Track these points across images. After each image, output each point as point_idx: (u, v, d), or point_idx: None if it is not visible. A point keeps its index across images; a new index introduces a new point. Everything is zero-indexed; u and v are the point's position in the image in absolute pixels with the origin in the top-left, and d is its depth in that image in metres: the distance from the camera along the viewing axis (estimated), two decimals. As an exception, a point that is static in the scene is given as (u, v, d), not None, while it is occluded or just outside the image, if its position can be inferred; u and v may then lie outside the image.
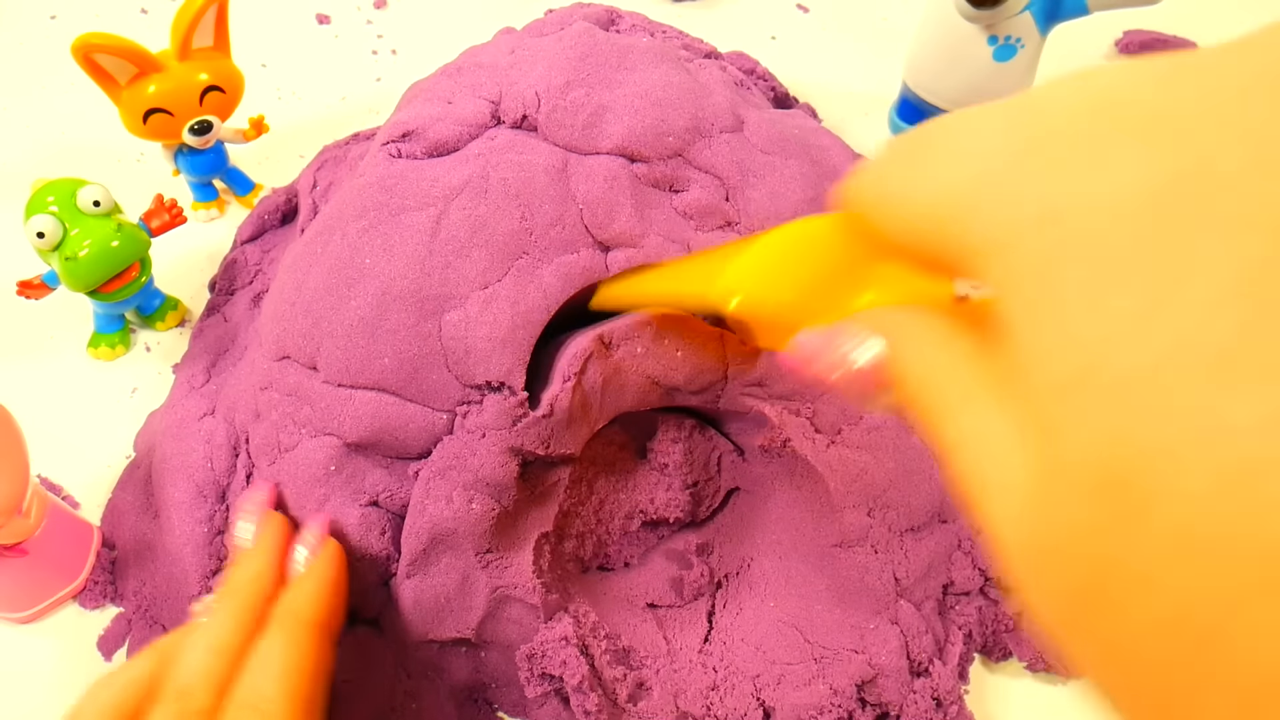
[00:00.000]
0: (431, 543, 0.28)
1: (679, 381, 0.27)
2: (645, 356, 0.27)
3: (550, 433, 0.28)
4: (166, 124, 0.41)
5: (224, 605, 0.26)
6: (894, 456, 0.31)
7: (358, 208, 0.29)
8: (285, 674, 0.24)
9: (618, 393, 0.27)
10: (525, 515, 0.29)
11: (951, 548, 0.33)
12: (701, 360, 0.27)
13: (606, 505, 0.31)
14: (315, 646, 0.25)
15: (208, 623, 0.26)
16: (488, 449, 0.28)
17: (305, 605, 0.26)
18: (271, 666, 0.24)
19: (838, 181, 0.35)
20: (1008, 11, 0.41)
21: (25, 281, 0.38)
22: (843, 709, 0.30)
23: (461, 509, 0.28)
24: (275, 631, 0.25)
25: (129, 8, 0.57)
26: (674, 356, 0.27)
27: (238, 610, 0.26)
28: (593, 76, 0.31)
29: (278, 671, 0.24)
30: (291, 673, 0.24)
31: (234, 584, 0.27)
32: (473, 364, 0.27)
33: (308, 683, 0.24)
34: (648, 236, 0.30)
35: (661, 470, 0.30)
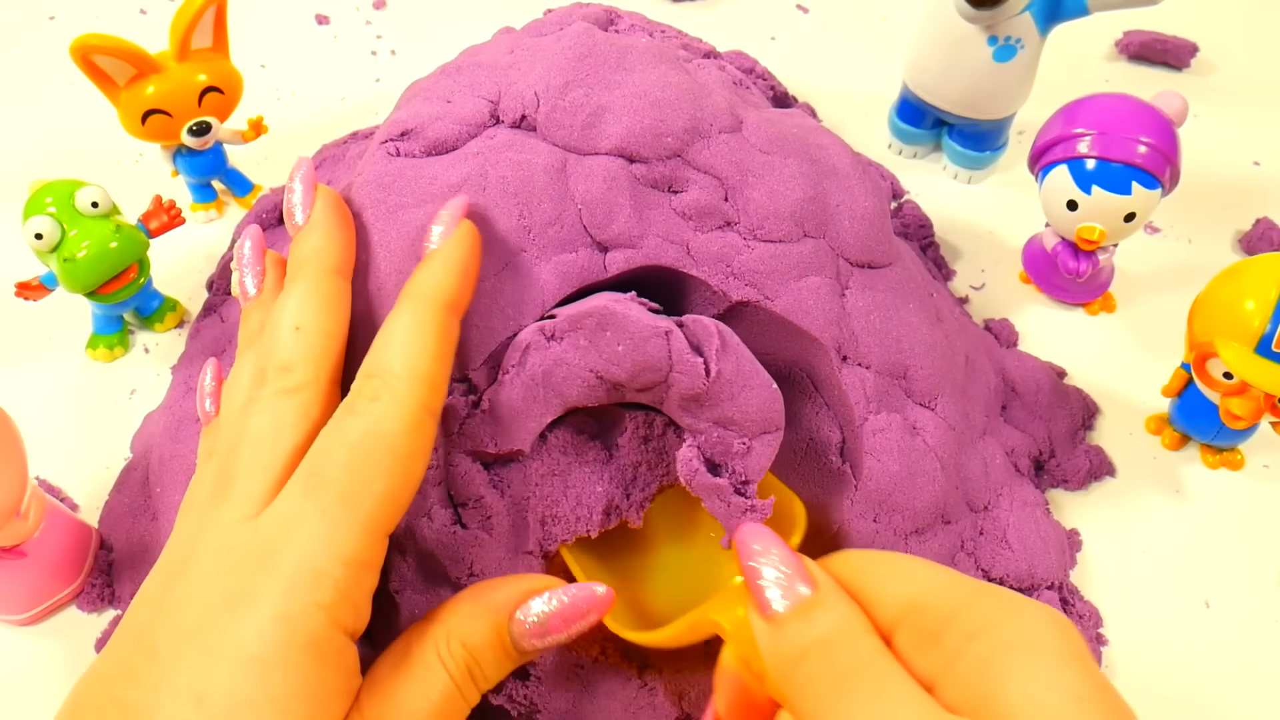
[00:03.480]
0: (420, 560, 0.28)
1: (622, 377, 0.27)
2: (588, 349, 0.27)
3: (495, 428, 0.27)
4: (165, 125, 0.41)
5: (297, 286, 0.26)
6: (898, 459, 0.31)
7: (356, 206, 0.29)
8: (413, 349, 0.23)
9: (561, 385, 0.27)
10: (509, 526, 0.29)
11: (955, 549, 0.33)
12: (643, 357, 0.26)
13: (584, 502, 0.30)
14: (443, 325, 0.24)
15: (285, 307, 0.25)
16: (445, 453, 0.27)
17: (435, 283, 0.25)
18: (399, 342, 0.24)
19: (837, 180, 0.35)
20: (1008, 12, 0.41)
21: (23, 283, 0.38)
22: (843, 711, 0.30)
23: (442, 525, 0.27)
24: (402, 310, 0.24)
25: (127, 8, 0.57)
26: (615, 351, 0.26)
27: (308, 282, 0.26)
28: (592, 77, 0.31)
29: (404, 346, 0.23)
30: (419, 349, 0.23)
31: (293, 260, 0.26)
32: (457, 355, 0.27)
33: (435, 361, 0.24)
34: (646, 237, 0.30)
35: (634, 468, 0.30)
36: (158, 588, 0.22)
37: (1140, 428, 0.39)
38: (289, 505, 0.22)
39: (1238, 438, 0.37)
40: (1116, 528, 0.36)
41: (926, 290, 0.35)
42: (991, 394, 0.37)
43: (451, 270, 0.25)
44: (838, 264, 0.31)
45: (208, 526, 0.23)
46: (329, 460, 0.22)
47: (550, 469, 0.29)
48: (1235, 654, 0.33)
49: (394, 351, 0.23)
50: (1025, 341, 0.42)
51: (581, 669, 0.29)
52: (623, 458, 0.29)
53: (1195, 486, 0.37)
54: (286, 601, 0.20)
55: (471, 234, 0.26)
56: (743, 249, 0.30)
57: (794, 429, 0.33)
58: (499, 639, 0.23)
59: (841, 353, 0.31)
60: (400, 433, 0.22)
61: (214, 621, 0.21)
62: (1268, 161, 0.50)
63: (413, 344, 0.23)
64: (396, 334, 0.24)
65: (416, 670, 0.23)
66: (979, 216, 0.47)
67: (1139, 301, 0.43)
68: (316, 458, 0.22)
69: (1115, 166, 0.37)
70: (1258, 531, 0.36)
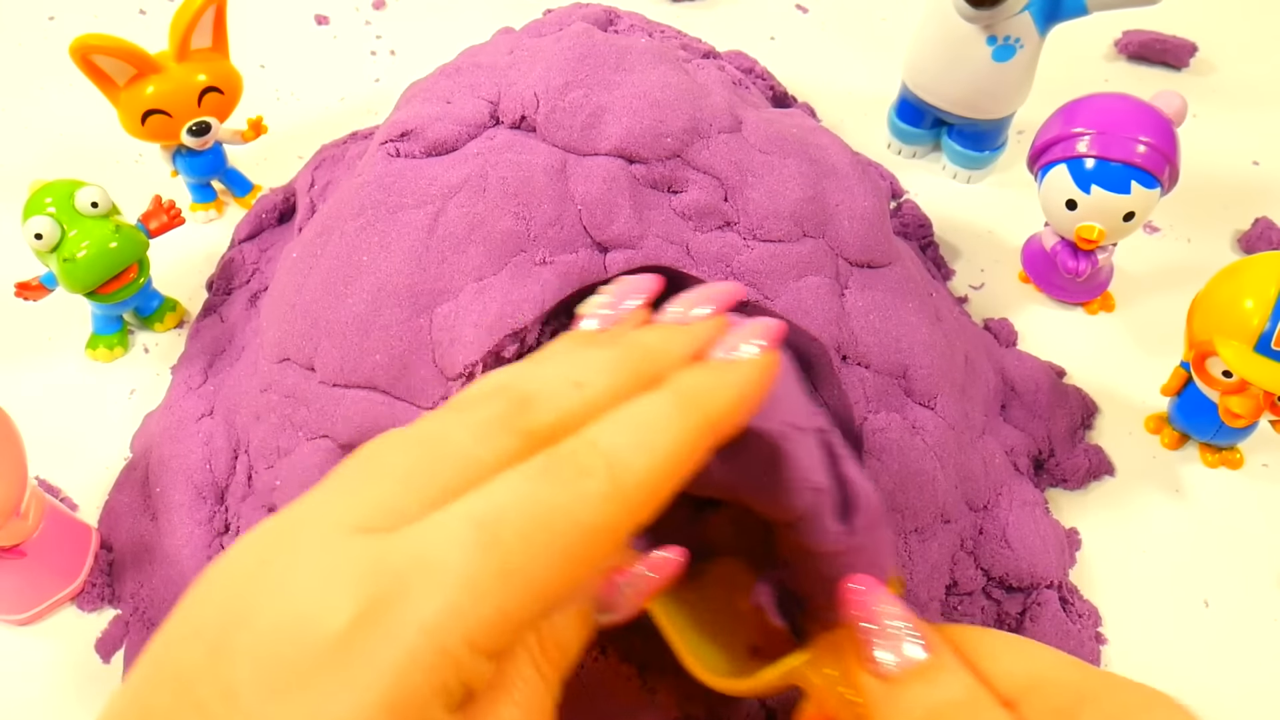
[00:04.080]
0: None
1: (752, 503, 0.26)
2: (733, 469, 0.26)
3: None
4: (165, 125, 0.41)
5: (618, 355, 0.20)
6: (898, 458, 0.31)
7: (356, 206, 0.29)
8: (658, 453, 0.18)
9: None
10: None
11: (954, 548, 0.33)
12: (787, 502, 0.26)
13: None
14: (699, 447, 0.19)
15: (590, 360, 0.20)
16: None
17: (715, 397, 0.19)
18: (648, 435, 0.18)
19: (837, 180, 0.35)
20: (1007, 11, 0.41)
21: (23, 283, 0.38)
22: (843, 710, 0.30)
23: None
24: (672, 405, 0.19)
25: (127, 9, 0.57)
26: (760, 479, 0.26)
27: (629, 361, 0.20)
28: (591, 77, 0.31)
29: (650, 445, 0.18)
30: (664, 457, 0.18)
31: (635, 340, 0.21)
32: (455, 353, 0.27)
33: (670, 475, 0.18)
34: (646, 238, 0.30)
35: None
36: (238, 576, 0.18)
37: (1139, 427, 0.39)
38: (436, 549, 0.17)
39: (1237, 436, 0.37)
40: (1116, 527, 0.36)
41: (926, 290, 0.35)
42: (991, 393, 0.37)
43: (744, 392, 0.20)
44: (837, 264, 0.32)
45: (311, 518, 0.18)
46: (507, 521, 0.17)
47: None
48: (1234, 652, 0.33)
49: (631, 435, 0.18)
50: (1024, 341, 0.42)
51: (581, 669, 0.29)
52: None
53: (1194, 485, 0.37)
54: (402, 681, 0.16)
55: (775, 366, 0.21)
56: (742, 249, 0.30)
57: (794, 428, 0.33)
58: (583, 621, 0.21)
59: (841, 352, 0.31)
60: (597, 529, 0.17)
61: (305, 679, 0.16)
62: (1267, 161, 0.50)
63: (663, 449, 0.18)
64: (645, 420, 0.19)
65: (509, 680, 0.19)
66: (978, 216, 0.47)
67: (1138, 301, 0.43)
68: (494, 510, 0.17)
69: (1114, 166, 0.37)
70: (1257, 530, 0.36)
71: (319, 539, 0.17)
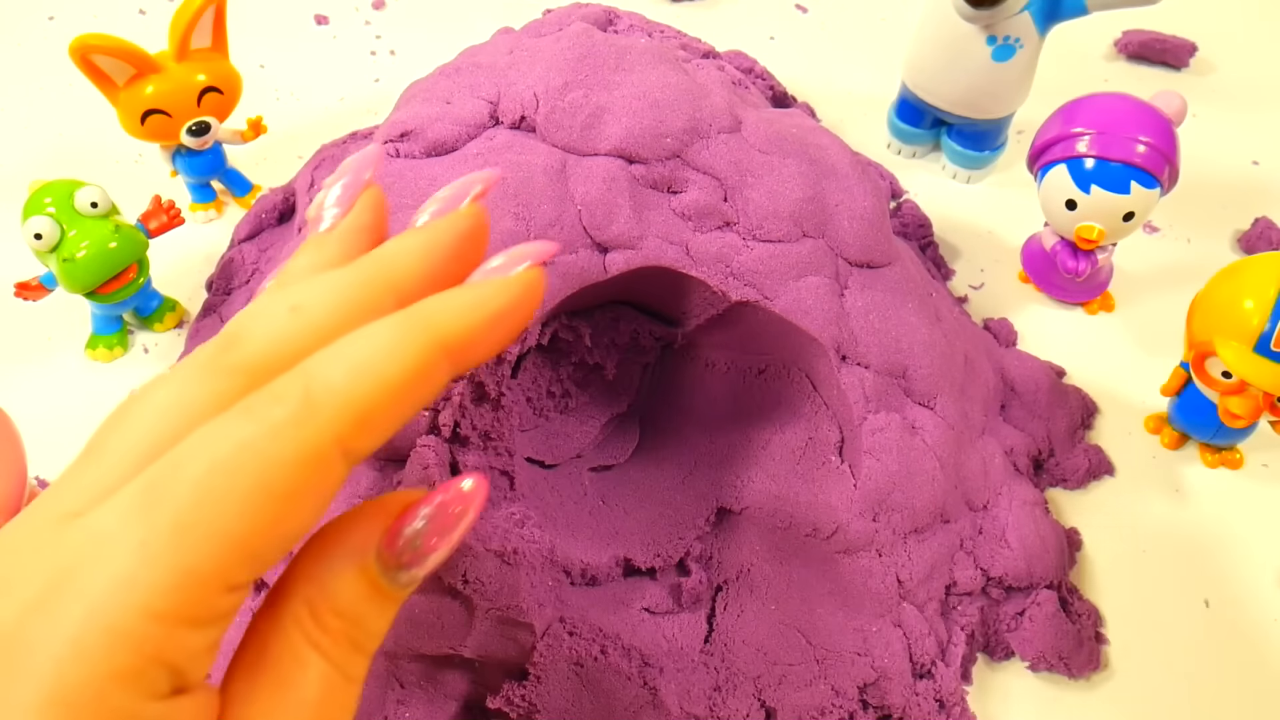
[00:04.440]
0: None
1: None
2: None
3: (491, 422, 0.27)
4: (164, 125, 0.41)
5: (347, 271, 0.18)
6: (897, 458, 0.31)
7: (356, 208, 0.29)
8: (367, 374, 0.16)
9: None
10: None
11: (954, 548, 0.33)
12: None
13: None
14: (427, 369, 0.17)
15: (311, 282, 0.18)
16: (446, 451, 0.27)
17: (448, 316, 0.17)
18: (356, 355, 0.17)
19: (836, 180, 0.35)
20: (1007, 11, 0.41)
21: (23, 283, 0.38)
22: (844, 710, 0.30)
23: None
24: (388, 323, 0.17)
25: (127, 8, 0.57)
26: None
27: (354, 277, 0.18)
28: (591, 78, 0.31)
29: (358, 365, 0.16)
30: (376, 377, 0.16)
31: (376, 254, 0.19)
32: None
33: (388, 401, 0.17)
34: (646, 238, 0.30)
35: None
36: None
37: (1139, 427, 0.39)
38: (108, 520, 0.16)
39: (1237, 437, 0.37)
40: (1116, 527, 0.36)
41: (925, 290, 0.35)
42: (990, 393, 0.37)
43: (484, 312, 0.18)
44: (837, 264, 0.31)
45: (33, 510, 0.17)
46: (180, 472, 0.16)
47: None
48: (1235, 653, 0.33)
49: (342, 358, 0.17)
50: (1024, 341, 0.42)
51: (581, 668, 0.29)
52: None
53: (1194, 485, 0.37)
54: (67, 671, 0.15)
55: (535, 286, 0.19)
56: (742, 249, 0.30)
57: (793, 428, 0.33)
58: (372, 586, 0.18)
59: (840, 352, 0.31)
60: (289, 462, 0.16)
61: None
62: (1266, 161, 0.50)
63: (375, 363, 0.16)
64: (360, 342, 0.17)
65: (283, 668, 0.17)
66: (978, 216, 0.47)
67: (1138, 301, 0.43)
68: (169, 463, 0.16)
69: (1114, 166, 0.37)
70: (1257, 530, 0.36)
71: (26, 531, 0.16)
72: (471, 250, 0.20)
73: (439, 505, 0.18)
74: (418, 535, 0.18)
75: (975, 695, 0.32)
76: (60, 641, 0.15)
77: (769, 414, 0.34)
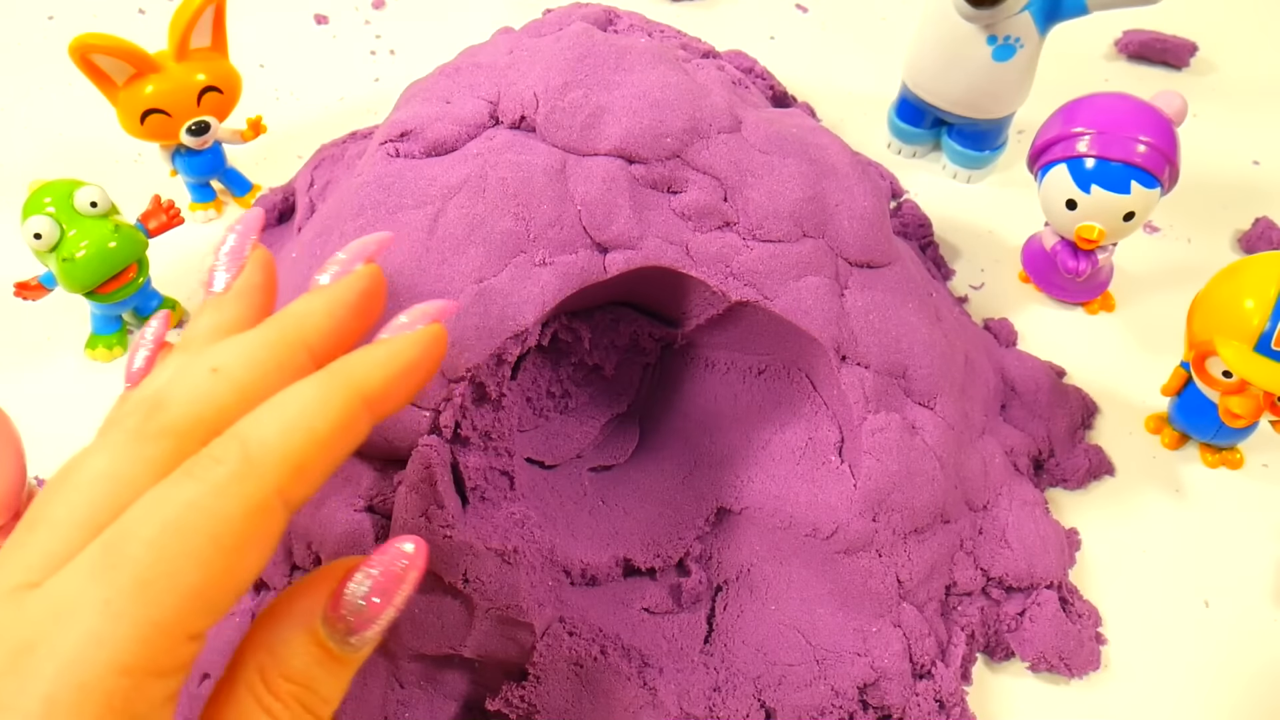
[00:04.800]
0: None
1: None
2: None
3: (491, 423, 0.28)
4: (164, 124, 0.41)
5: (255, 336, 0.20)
6: (897, 458, 0.31)
7: (355, 206, 0.29)
8: (298, 429, 0.18)
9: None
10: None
11: (954, 548, 0.33)
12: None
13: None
14: (350, 420, 0.19)
15: (227, 344, 0.20)
16: (448, 451, 0.27)
17: (368, 371, 0.19)
18: (286, 413, 0.18)
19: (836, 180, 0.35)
20: (1007, 11, 0.41)
21: (22, 283, 0.38)
22: (844, 710, 0.30)
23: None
24: (312, 381, 0.19)
25: (126, 8, 0.57)
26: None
27: (266, 338, 0.20)
28: (591, 78, 0.31)
29: (290, 422, 0.18)
30: (306, 432, 0.18)
31: (286, 313, 0.21)
32: (457, 354, 0.27)
33: (318, 453, 0.18)
34: (646, 238, 0.30)
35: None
36: None
37: (1139, 427, 0.39)
38: (69, 585, 0.16)
39: (1237, 436, 0.37)
40: (1116, 527, 0.36)
41: (926, 290, 0.35)
42: (991, 393, 0.37)
43: (396, 365, 0.20)
44: (837, 264, 0.31)
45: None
46: (134, 534, 0.17)
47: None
48: (1234, 653, 0.33)
49: (274, 417, 0.18)
50: (1024, 341, 0.42)
51: (581, 668, 0.29)
52: None
53: (1194, 485, 0.37)
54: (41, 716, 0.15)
55: (438, 340, 0.21)
56: (742, 249, 0.30)
57: (793, 428, 0.33)
58: (322, 650, 0.19)
59: (840, 352, 0.31)
60: (235, 516, 0.17)
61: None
62: (1267, 161, 0.50)
63: (305, 424, 0.18)
64: (289, 401, 0.18)
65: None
66: (978, 216, 0.47)
67: (1138, 301, 0.43)
68: (122, 527, 0.17)
69: (1114, 166, 0.37)
70: (1257, 530, 0.36)
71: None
72: (372, 306, 0.22)
73: (381, 567, 0.19)
74: (360, 597, 0.19)
75: (975, 695, 0.32)
76: (34, 700, 0.15)
77: (769, 414, 0.34)
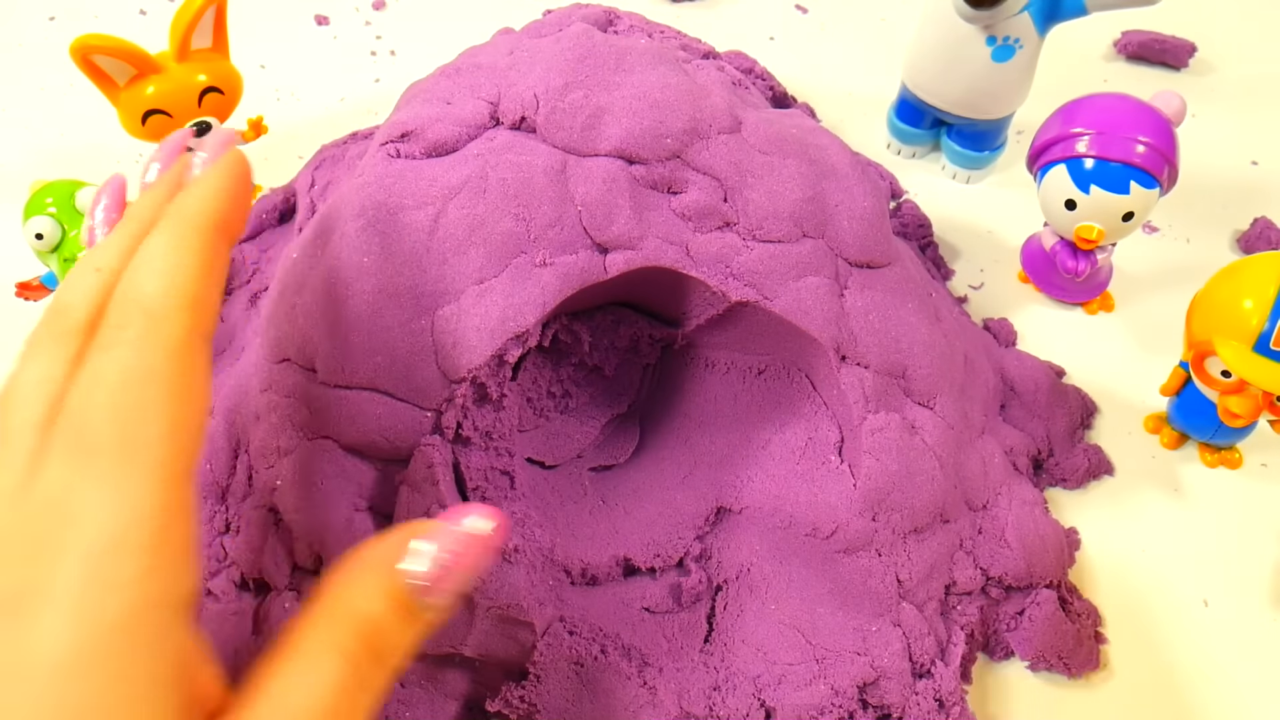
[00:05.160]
0: None
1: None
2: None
3: (492, 423, 0.28)
4: (165, 125, 0.41)
5: (115, 231, 0.23)
6: (897, 458, 0.31)
7: (356, 207, 0.29)
8: (169, 270, 0.20)
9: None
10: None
11: (953, 547, 0.33)
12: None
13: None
14: (206, 246, 0.21)
15: (95, 247, 0.22)
16: (449, 451, 0.27)
17: (195, 205, 0.22)
18: (154, 263, 0.21)
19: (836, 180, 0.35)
20: (1006, 12, 0.41)
21: (24, 283, 0.38)
22: (843, 709, 0.30)
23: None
24: (158, 231, 0.22)
25: (127, 9, 0.57)
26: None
27: (125, 229, 0.22)
28: (591, 78, 0.31)
29: (160, 267, 0.21)
30: (177, 269, 0.21)
31: (128, 212, 0.23)
32: (459, 356, 0.27)
33: (197, 282, 0.21)
34: (646, 238, 0.30)
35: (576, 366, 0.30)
36: None
37: (1139, 426, 0.39)
38: (57, 477, 0.18)
39: (1236, 436, 0.37)
40: (1115, 526, 0.36)
41: (925, 290, 0.35)
42: (990, 393, 0.37)
43: (217, 192, 0.23)
44: (836, 264, 0.32)
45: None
46: (90, 412, 0.19)
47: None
48: (1234, 653, 0.33)
49: (147, 274, 0.20)
50: (1024, 341, 0.42)
51: (581, 668, 0.29)
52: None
53: (1194, 485, 0.37)
54: (83, 591, 0.17)
55: (239, 161, 0.24)
56: (742, 249, 0.30)
57: (793, 428, 0.33)
58: (396, 599, 0.20)
59: (840, 352, 0.31)
60: (167, 362, 0.19)
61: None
62: (1266, 161, 0.50)
63: (172, 264, 0.21)
64: (152, 256, 0.21)
65: (297, 662, 0.19)
66: (978, 216, 0.47)
67: (1137, 301, 0.43)
68: (74, 411, 0.19)
69: (1113, 166, 0.37)
70: (1256, 530, 0.36)
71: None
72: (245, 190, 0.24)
73: (452, 546, 0.21)
74: (426, 569, 0.20)
75: (975, 695, 0.32)
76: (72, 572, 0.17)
77: (769, 414, 0.34)
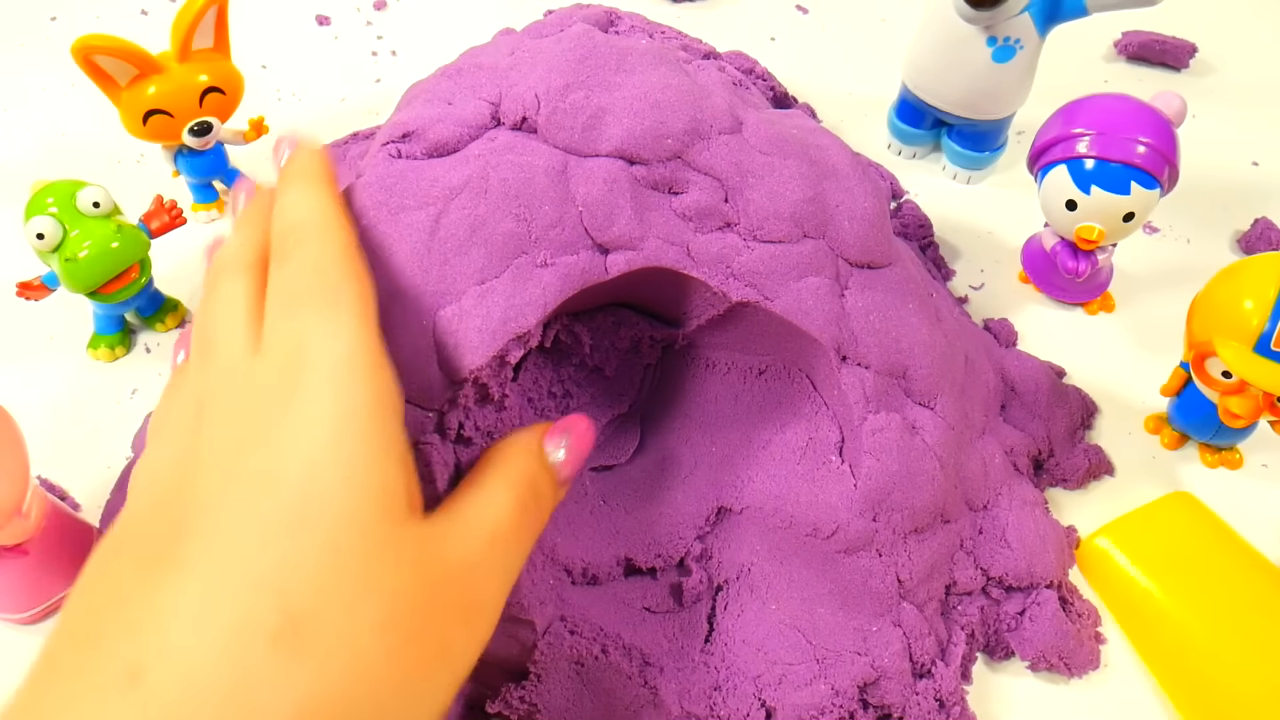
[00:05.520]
0: None
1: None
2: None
3: (494, 423, 0.28)
4: (166, 125, 0.41)
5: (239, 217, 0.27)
6: (897, 458, 0.31)
7: (357, 207, 0.29)
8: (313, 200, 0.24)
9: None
10: None
11: (954, 547, 0.33)
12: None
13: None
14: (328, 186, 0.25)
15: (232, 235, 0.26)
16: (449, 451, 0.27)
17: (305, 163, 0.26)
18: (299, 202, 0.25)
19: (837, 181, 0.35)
20: (1007, 12, 0.41)
21: (25, 283, 0.38)
22: (844, 709, 0.30)
23: None
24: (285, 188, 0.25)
25: (129, 9, 0.57)
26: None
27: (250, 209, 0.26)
28: (592, 79, 0.31)
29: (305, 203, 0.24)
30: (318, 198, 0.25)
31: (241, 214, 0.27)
32: (460, 356, 0.27)
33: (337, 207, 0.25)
34: (647, 239, 0.30)
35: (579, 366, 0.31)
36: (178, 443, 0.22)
37: (1139, 427, 0.39)
38: (284, 328, 0.22)
39: (1236, 437, 0.37)
40: (1115, 527, 0.36)
41: (926, 290, 0.35)
42: (991, 393, 0.37)
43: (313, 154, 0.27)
44: (837, 264, 0.32)
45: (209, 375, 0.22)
46: (294, 284, 0.22)
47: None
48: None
49: (295, 210, 0.24)
50: (1024, 341, 0.42)
51: (582, 667, 0.29)
52: None
53: (1194, 486, 0.37)
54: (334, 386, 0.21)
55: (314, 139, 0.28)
56: (742, 250, 0.30)
57: (793, 428, 0.33)
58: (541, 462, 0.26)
59: (841, 352, 0.31)
60: (343, 253, 0.23)
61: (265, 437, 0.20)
62: (1266, 162, 0.50)
63: (312, 196, 0.24)
64: (293, 200, 0.24)
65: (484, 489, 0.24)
66: (978, 216, 0.47)
67: (1138, 301, 0.44)
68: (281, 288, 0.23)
69: (1114, 166, 0.37)
70: (1256, 530, 0.36)
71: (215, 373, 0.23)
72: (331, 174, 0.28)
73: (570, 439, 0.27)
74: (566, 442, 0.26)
75: (975, 695, 0.32)
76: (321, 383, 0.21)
77: (769, 414, 0.34)
